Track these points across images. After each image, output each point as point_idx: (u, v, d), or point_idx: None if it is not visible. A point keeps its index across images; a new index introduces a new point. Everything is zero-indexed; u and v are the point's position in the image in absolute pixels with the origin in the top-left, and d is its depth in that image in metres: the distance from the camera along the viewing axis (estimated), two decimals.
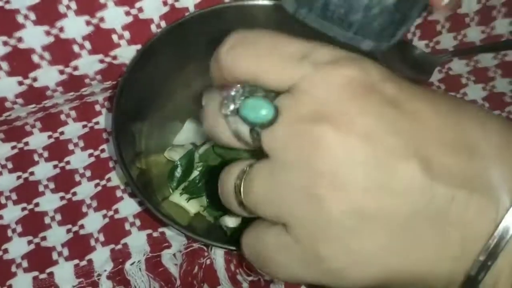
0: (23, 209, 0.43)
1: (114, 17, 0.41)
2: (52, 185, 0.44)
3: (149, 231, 0.42)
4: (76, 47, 0.41)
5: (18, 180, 0.44)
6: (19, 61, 0.40)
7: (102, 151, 0.45)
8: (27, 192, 0.43)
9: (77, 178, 0.44)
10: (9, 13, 0.39)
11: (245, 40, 0.24)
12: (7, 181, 0.44)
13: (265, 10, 0.41)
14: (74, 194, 0.43)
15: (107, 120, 0.46)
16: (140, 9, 0.42)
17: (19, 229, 0.42)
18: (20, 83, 0.41)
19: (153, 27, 0.42)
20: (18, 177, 0.44)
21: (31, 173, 0.44)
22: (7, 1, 0.38)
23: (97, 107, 0.47)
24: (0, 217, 0.42)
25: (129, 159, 0.38)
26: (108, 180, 0.44)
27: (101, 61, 0.43)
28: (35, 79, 0.41)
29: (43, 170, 0.44)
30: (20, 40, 0.39)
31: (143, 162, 0.42)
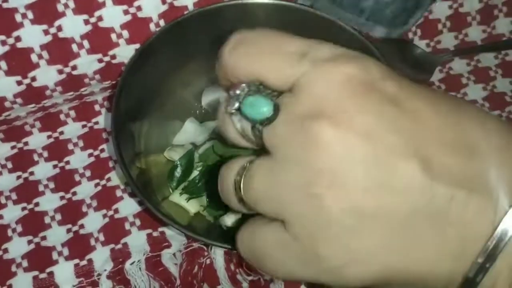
0: (23, 209, 0.43)
1: (113, 16, 0.41)
2: (52, 185, 0.44)
3: (149, 231, 0.42)
4: (75, 46, 0.41)
5: (18, 180, 0.44)
6: (18, 61, 0.40)
7: (102, 151, 0.45)
8: (27, 192, 0.43)
9: (77, 178, 0.44)
10: (7, 12, 0.39)
11: (246, 40, 0.24)
12: (7, 181, 0.44)
13: (264, 8, 0.41)
14: (74, 194, 0.43)
15: (107, 120, 0.46)
16: (139, 8, 0.41)
17: (19, 229, 0.42)
18: (19, 83, 0.41)
19: (152, 26, 0.42)
20: (18, 177, 0.44)
21: (31, 173, 0.44)
22: (5, 0, 0.38)
23: (97, 107, 0.47)
24: (0, 217, 0.42)
25: (129, 159, 0.38)
26: (108, 180, 0.44)
27: (100, 61, 0.42)
28: (34, 79, 0.41)
29: (43, 170, 0.44)
30: (18, 39, 0.39)
31: (143, 162, 0.42)
